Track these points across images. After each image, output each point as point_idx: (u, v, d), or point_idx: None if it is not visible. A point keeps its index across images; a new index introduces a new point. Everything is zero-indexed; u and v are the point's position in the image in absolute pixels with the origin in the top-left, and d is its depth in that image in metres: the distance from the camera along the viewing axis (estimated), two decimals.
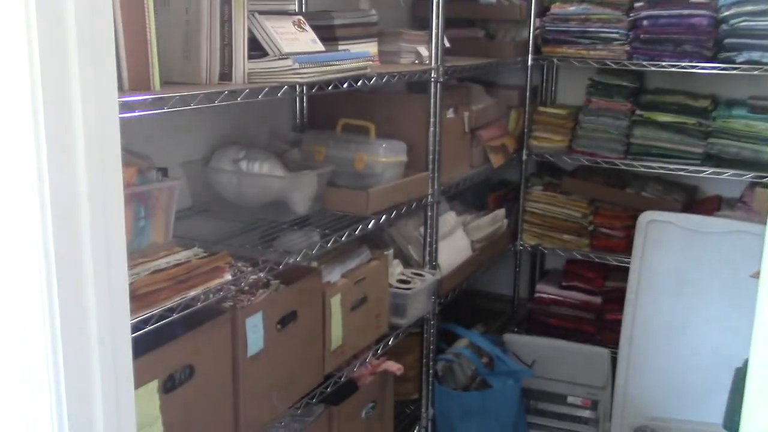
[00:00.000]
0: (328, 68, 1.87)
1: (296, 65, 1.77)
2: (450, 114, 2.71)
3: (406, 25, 3.19)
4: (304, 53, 1.87)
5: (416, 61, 2.54)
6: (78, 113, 1.13)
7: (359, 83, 2.03)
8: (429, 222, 2.57)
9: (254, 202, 2.18)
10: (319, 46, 1.97)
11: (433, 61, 2.45)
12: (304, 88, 1.83)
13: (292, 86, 1.79)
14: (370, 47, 2.42)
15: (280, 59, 1.79)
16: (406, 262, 2.69)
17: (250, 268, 1.91)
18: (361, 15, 2.40)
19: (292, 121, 2.70)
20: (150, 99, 1.41)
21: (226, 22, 1.78)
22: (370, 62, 2.04)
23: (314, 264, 2.16)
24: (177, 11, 1.79)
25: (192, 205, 2.26)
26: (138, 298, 1.44)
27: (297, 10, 2.58)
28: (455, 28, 3.21)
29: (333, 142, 2.40)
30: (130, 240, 1.53)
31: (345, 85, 1.98)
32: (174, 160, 2.17)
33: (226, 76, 1.80)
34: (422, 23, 2.54)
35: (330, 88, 1.92)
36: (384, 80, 2.15)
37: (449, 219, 2.88)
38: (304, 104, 2.68)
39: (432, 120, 2.49)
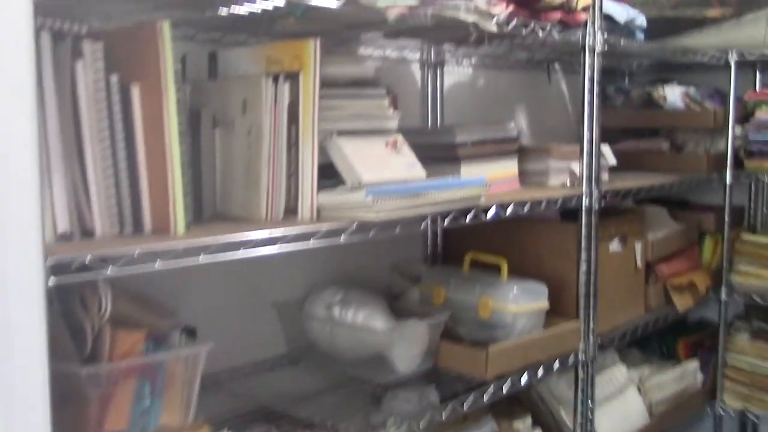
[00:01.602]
0: (420, 200, 1.48)
1: (368, 198, 1.39)
2: (615, 246, 2.19)
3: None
4: (389, 183, 1.49)
5: (568, 183, 2.07)
6: None
7: (469, 218, 1.61)
8: (581, 385, 2.03)
9: (349, 355, 1.79)
10: (417, 173, 1.59)
11: (584, 184, 1.97)
12: (381, 227, 1.44)
13: (364, 226, 1.41)
14: (505, 167, 2.00)
15: (351, 191, 1.43)
16: (558, 430, 2.15)
17: None
18: (495, 130, 2.00)
19: (423, 251, 2.32)
20: (134, 253, 1.08)
21: (293, 145, 1.46)
22: (484, 190, 1.61)
23: None
24: (240, 134, 1.50)
25: (286, 353, 1.92)
26: None
27: (426, 127, 2.24)
28: (634, 139, 2.70)
29: (456, 281, 1.97)
30: (124, 428, 1.20)
31: (446, 221, 1.57)
32: (268, 298, 1.87)
33: (291, 210, 1.47)
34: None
35: (424, 225, 1.52)
36: (507, 212, 1.71)
37: (617, 375, 2.30)
38: (437, 231, 2.29)
39: (584, 256, 1.99)
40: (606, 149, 2.20)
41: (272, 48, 1.51)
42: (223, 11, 1.49)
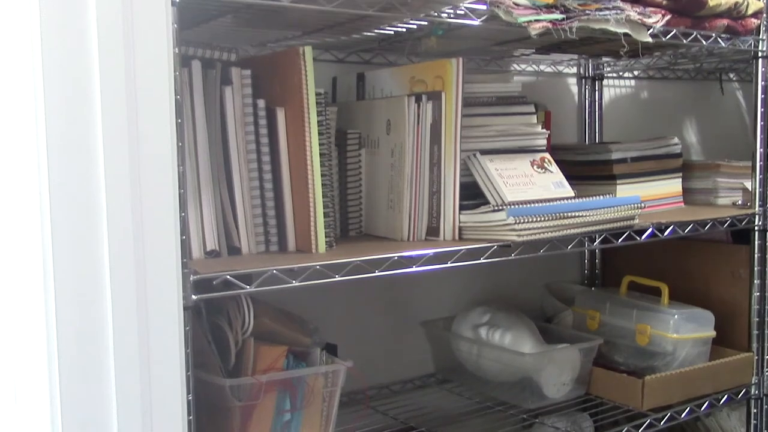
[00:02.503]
0: (567, 221, 1.42)
1: (510, 219, 1.35)
2: None
3: None
4: (533, 202, 1.45)
5: (741, 202, 1.92)
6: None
7: (621, 240, 1.53)
8: (754, 423, 1.86)
9: (496, 378, 1.75)
10: (565, 192, 1.53)
11: (756, 203, 1.81)
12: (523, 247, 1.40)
13: (505, 247, 1.37)
14: (668, 185, 1.89)
15: (493, 211, 1.40)
16: None
17: None
18: (656, 145, 1.89)
19: (580, 271, 2.23)
20: (272, 272, 1.12)
21: (435, 165, 1.45)
22: (637, 210, 1.52)
23: None
24: (384, 154, 1.52)
25: (435, 372, 1.92)
26: None
27: (582, 143, 2.16)
28: None
29: (612, 305, 1.87)
30: None
31: (596, 243, 1.50)
32: (418, 316, 1.87)
33: (433, 230, 1.46)
34: None
35: (571, 247, 1.46)
36: (665, 234, 1.61)
37: None
38: (595, 252, 2.20)
39: (757, 281, 1.83)
40: None
41: (416, 68, 1.51)
42: (370, 33, 1.51)
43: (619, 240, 1.53)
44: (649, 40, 1.50)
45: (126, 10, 0.91)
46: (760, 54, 1.77)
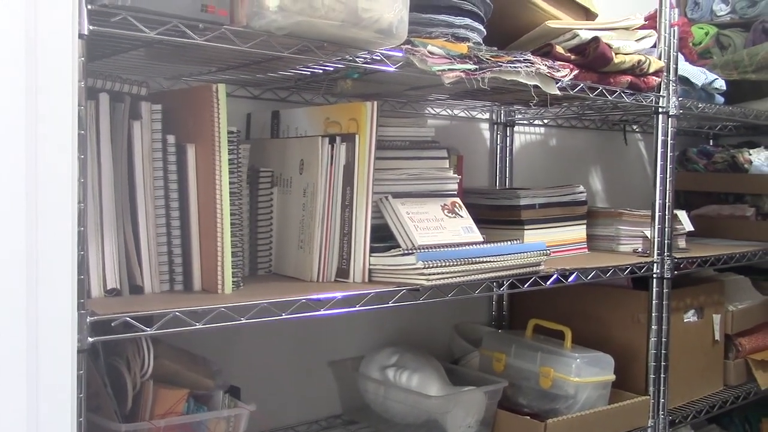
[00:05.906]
0: (474, 266, 1.44)
1: (419, 263, 1.36)
2: (690, 317, 2.08)
3: None
4: (443, 246, 1.46)
5: (641, 249, 1.99)
6: None
7: (527, 285, 1.56)
8: None
9: (402, 420, 1.75)
10: (474, 237, 1.55)
11: (655, 252, 1.89)
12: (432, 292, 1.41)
13: (414, 290, 1.38)
14: (573, 231, 1.94)
15: (403, 255, 1.40)
16: None
17: None
18: (562, 192, 1.95)
19: (488, 313, 2.27)
20: (174, 314, 1.09)
21: (347, 206, 1.45)
22: (543, 257, 1.56)
23: None
24: (296, 193, 1.51)
25: (341, 413, 1.90)
26: None
27: (492, 188, 2.21)
28: (718, 204, 2.58)
29: (518, 347, 1.90)
30: None
31: (503, 288, 1.52)
32: (326, 357, 1.86)
33: (343, 272, 1.46)
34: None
35: (478, 292, 1.48)
36: (569, 280, 1.65)
37: None
38: (503, 294, 2.24)
39: (655, 326, 1.89)
40: (682, 215, 2.12)
41: (331, 109, 1.52)
42: (286, 72, 1.51)
43: (525, 285, 1.56)
44: (558, 92, 1.56)
45: (30, 41, 0.88)
46: (660, 110, 1.86)
